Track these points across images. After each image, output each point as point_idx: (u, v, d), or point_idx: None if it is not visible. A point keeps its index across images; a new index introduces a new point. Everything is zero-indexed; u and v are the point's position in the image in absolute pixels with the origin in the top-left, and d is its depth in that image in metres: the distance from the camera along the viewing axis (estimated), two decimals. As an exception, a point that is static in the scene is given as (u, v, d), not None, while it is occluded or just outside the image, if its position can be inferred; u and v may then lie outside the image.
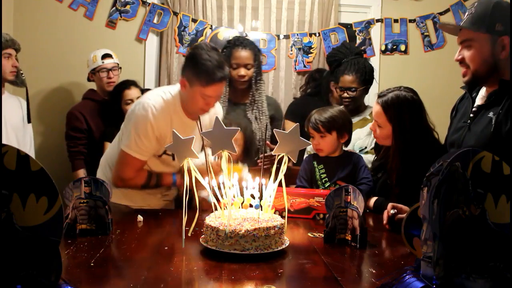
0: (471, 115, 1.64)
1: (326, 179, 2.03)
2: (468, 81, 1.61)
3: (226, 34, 3.27)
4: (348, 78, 2.49)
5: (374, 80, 2.62)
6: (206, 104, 1.84)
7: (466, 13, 1.59)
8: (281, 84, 3.32)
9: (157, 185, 1.95)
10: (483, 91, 1.66)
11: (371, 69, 2.57)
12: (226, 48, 2.45)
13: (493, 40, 1.52)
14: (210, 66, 1.76)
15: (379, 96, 1.87)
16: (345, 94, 2.49)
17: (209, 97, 1.81)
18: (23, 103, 2.65)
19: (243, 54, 2.39)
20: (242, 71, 2.36)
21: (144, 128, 1.82)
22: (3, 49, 2.47)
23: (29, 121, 2.62)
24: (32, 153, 2.74)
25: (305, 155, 2.22)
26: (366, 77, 2.51)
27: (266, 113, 2.38)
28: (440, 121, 1.93)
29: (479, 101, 1.65)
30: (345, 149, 2.09)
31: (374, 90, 2.73)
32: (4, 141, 2.48)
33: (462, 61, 1.61)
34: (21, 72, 2.61)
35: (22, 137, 2.63)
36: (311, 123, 2.01)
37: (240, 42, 2.44)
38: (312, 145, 2.04)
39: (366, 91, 2.55)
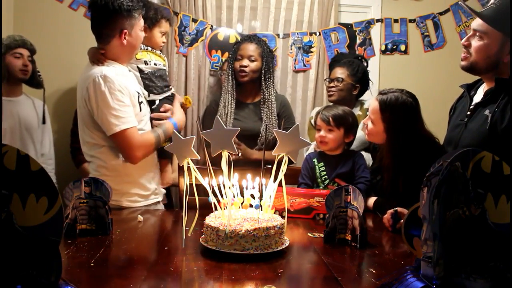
0: (468, 113, 1.65)
1: (326, 177, 2.03)
2: (465, 66, 1.62)
3: (226, 34, 3.28)
4: (337, 70, 2.57)
5: (368, 88, 2.65)
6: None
7: (491, 2, 1.56)
8: (278, 83, 3.32)
9: (165, 139, 1.97)
10: (481, 90, 1.66)
11: (364, 69, 2.62)
12: (236, 44, 2.52)
13: (503, 40, 1.51)
14: (130, 3, 1.89)
15: (380, 93, 1.87)
16: (331, 84, 2.53)
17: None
18: (36, 103, 2.69)
19: (248, 46, 2.43)
20: (244, 62, 2.38)
21: (116, 98, 1.81)
22: (13, 48, 2.51)
23: (43, 122, 2.66)
24: (52, 153, 2.78)
25: (306, 153, 2.23)
26: (356, 73, 2.56)
27: (274, 112, 2.38)
28: (440, 121, 1.93)
29: (476, 99, 1.65)
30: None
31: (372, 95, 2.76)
32: (18, 143, 2.54)
33: (467, 47, 1.61)
34: (39, 74, 2.64)
35: (38, 138, 2.66)
36: (322, 115, 2.04)
37: (249, 37, 2.52)
38: (316, 138, 2.05)
39: (354, 88, 2.56)
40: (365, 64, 2.71)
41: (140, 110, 1.95)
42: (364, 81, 2.61)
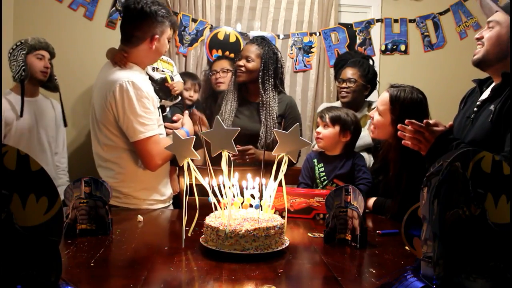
0: (475, 109, 1.65)
1: (325, 177, 2.03)
2: (477, 59, 1.63)
3: (226, 33, 3.28)
4: (349, 71, 2.55)
5: (376, 88, 2.65)
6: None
7: None
8: (286, 85, 3.32)
9: None
10: (491, 87, 1.67)
11: (374, 71, 2.61)
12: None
13: None
14: (163, 10, 1.92)
15: (391, 86, 1.88)
16: (344, 85, 2.52)
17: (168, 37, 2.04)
18: (54, 104, 2.74)
19: (249, 47, 2.45)
20: (241, 62, 2.42)
21: (142, 104, 1.83)
22: (37, 49, 2.53)
23: (65, 125, 2.73)
24: (65, 152, 2.83)
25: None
26: (367, 74, 2.54)
27: (274, 115, 2.37)
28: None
29: (484, 96, 1.66)
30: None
31: (374, 97, 2.75)
32: (36, 142, 2.58)
33: (480, 39, 1.63)
34: (55, 78, 2.68)
35: (54, 138, 2.70)
36: (320, 112, 2.09)
37: (255, 39, 2.51)
38: (315, 135, 2.08)
39: (365, 89, 2.56)
40: (372, 63, 2.70)
41: (159, 115, 1.99)
42: (374, 82, 2.61)
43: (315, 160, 2.08)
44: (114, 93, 1.81)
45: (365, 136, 2.33)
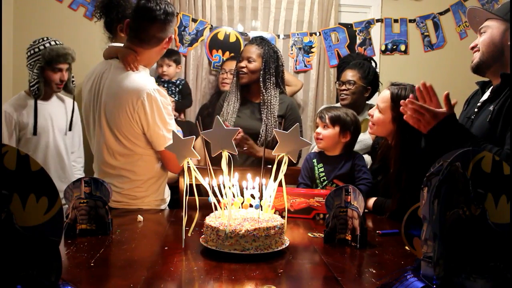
0: (476, 110, 1.66)
1: (325, 177, 2.03)
2: (475, 63, 1.66)
3: (226, 33, 3.28)
4: (349, 73, 2.56)
5: (378, 90, 2.64)
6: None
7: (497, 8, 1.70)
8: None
9: None
10: (491, 88, 1.68)
11: (375, 72, 2.61)
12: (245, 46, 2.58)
13: (504, 27, 1.59)
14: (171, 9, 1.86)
15: (392, 84, 1.89)
16: (343, 87, 2.53)
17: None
18: (68, 104, 2.73)
19: (249, 48, 2.46)
20: (242, 63, 2.43)
21: (167, 111, 1.82)
22: (57, 63, 2.48)
23: (70, 129, 2.70)
24: (81, 151, 2.84)
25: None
26: (368, 75, 2.54)
27: (275, 113, 2.38)
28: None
29: (485, 97, 1.67)
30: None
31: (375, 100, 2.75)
32: (51, 145, 2.58)
33: (474, 47, 1.67)
34: (73, 80, 2.67)
35: (69, 137, 2.71)
36: (319, 113, 2.08)
37: (254, 39, 2.52)
38: (314, 136, 2.07)
39: (365, 90, 2.56)
40: (374, 65, 2.70)
41: None
42: (375, 84, 2.61)
43: (314, 161, 2.08)
44: (143, 104, 1.74)
45: (366, 139, 2.33)
